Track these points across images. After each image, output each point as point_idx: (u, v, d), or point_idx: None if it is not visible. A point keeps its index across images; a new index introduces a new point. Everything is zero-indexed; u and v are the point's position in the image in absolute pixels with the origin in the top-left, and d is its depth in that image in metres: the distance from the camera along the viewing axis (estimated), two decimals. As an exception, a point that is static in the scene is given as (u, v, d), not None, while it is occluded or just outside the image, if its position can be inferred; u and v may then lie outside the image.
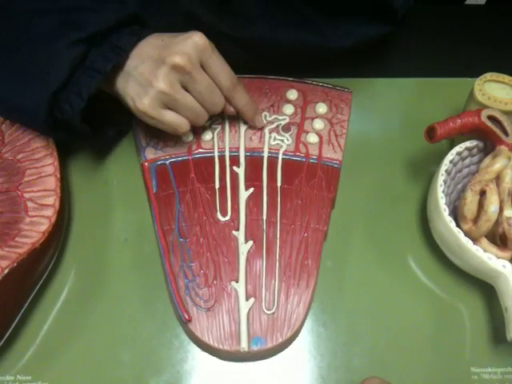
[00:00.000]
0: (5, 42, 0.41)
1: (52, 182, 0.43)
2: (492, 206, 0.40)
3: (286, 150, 0.47)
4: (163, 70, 0.40)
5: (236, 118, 0.48)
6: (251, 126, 0.48)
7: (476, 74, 0.46)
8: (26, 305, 0.41)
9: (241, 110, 0.45)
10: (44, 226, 0.41)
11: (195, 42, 0.40)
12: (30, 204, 0.42)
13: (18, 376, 0.40)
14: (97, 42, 0.40)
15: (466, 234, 0.40)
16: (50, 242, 0.41)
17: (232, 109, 0.45)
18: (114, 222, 0.46)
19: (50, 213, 0.42)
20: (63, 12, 0.41)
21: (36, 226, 0.41)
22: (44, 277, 0.42)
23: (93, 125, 0.43)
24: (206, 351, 0.41)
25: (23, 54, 0.40)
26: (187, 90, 0.42)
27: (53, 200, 0.42)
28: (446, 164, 0.42)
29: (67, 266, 0.44)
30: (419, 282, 0.44)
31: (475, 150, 0.44)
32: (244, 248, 0.43)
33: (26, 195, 0.42)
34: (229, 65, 0.43)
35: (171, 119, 0.42)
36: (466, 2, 0.58)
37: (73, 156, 0.49)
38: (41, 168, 0.44)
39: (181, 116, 0.42)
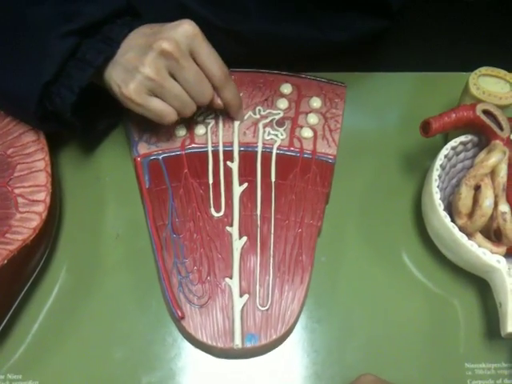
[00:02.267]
0: (1, 30, 0.41)
1: (43, 178, 0.42)
2: (487, 200, 0.39)
3: (280, 145, 0.46)
4: (150, 56, 0.39)
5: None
6: (245, 121, 0.47)
7: (471, 68, 0.45)
8: (17, 302, 0.41)
9: (229, 103, 0.44)
10: (35, 222, 0.40)
11: (185, 29, 0.40)
12: (20, 200, 0.41)
13: (8, 375, 0.40)
14: (89, 33, 0.40)
15: (461, 229, 0.40)
16: (41, 238, 0.41)
17: (220, 101, 0.44)
18: (106, 217, 0.45)
19: (41, 209, 0.41)
20: (58, 3, 0.40)
21: (27, 222, 0.40)
22: (35, 274, 0.42)
23: (83, 117, 0.43)
24: (200, 348, 0.41)
25: (16, 44, 0.40)
26: (175, 79, 0.41)
27: (44, 196, 0.42)
28: (440, 159, 0.42)
29: (58, 263, 0.44)
30: (413, 277, 0.44)
31: (470, 145, 0.44)
32: (238, 244, 0.42)
33: (17, 191, 0.42)
34: (223, 59, 0.42)
35: (157, 107, 0.41)
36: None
37: (64, 151, 0.48)
38: (31, 163, 0.43)
39: (167, 105, 0.41)
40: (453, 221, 0.41)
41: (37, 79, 0.39)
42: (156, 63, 0.40)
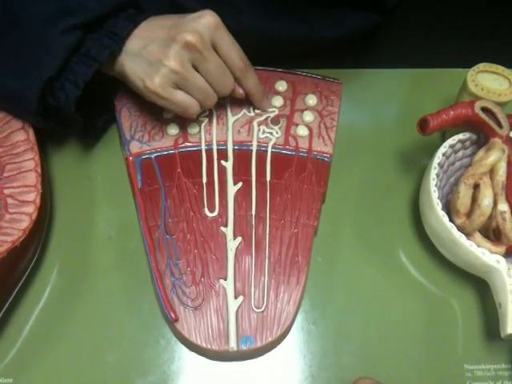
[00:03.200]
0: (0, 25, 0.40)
1: (33, 178, 0.42)
2: (486, 199, 0.39)
3: (275, 144, 0.45)
4: (174, 49, 0.39)
5: (224, 110, 0.47)
6: (240, 119, 0.46)
7: (469, 64, 0.45)
8: (7, 305, 0.40)
9: (251, 92, 0.44)
10: (24, 223, 0.40)
11: (207, 20, 0.40)
12: (9, 200, 0.41)
13: (-1, 379, 0.39)
14: (93, 27, 0.40)
15: (459, 229, 0.39)
16: (30, 239, 0.40)
17: (241, 91, 0.44)
18: (97, 218, 0.45)
19: (31, 210, 0.40)
20: None
21: (16, 223, 0.40)
22: (25, 276, 0.41)
23: (84, 114, 0.42)
24: (194, 351, 0.40)
25: (17, 39, 0.39)
26: (197, 70, 0.41)
27: (33, 196, 0.41)
28: (438, 157, 0.41)
29: (49, 265, 0.43)
30: (411, 277, 0.43)
31: (468, 143, 0.43)
32: (232, 244, 0.41)
33: (6, 191, 0.41)
34: None
35: (182, 99, 0.41)
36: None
37: (54, 150, 0.47)
38: (21, 163, 0.42)
39: (191, 97, 0.41)
40: (451, 220, 0.40)
41: (39, 74, 0.38)
42: (180, 56, 0.39)
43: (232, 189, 0.44)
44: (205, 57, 0.40)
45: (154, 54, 0.40)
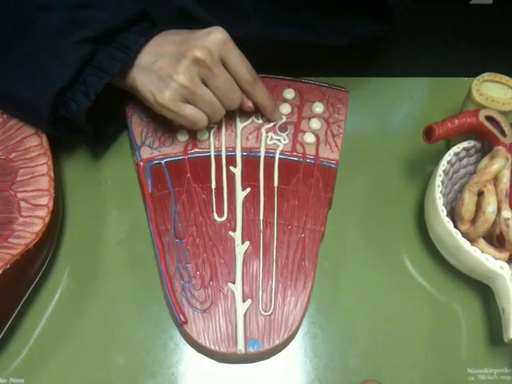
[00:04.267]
0: (11, 33, 0.40)
1: (45, 182, 0.42)
2: (490, 206, 0.39)
3: (282, 150, 0.46)
4: (184, 64, 0.40)
5: (232, 117, 0.47)
6: (248, 126, 0.47)
7: (473, 73, 0.45)
8: (19, 306, 0.40)
9: (261, 105, 0.45)
10: (37, 226, 0.40)
11: (216, 36, 0.41)
12: (23, 204, 0.41)
13: (11, 379, 0.40)
14: (105, 40, 0.40)
15: (464, 235, 0.40)
16: (43, 242, 0.40)
17: (250, 104, 0.45)
18: (108, 222, 0.45)
19: (44, 213, 0.41)
20: (72, 8, 0.40)
21: (29, 226, 0.40)
22: (37, 278, 0.41)
23: (94, 123, 0.43)
24: (202, 353, 0.41)
25: (29, 48, 0.40)
26: (206, 85, 0.42)
27: (46, 200, 0.42)
28: (443, 164, 0.42)
29: (61, 267, 0.44)
30: (416, 282, 0.44)
31: (473, 151, 0.44)
32: (241, 249, 0.42)
33: (19, 195, 0.42)
34: None
35: (191, 113, 0.42)
36: (472, 2, 0.58)
37: (66, 155, 0.48)
38: (34, 167, 0.43)
39: (199, 111, 0.42)
40: (455, 226, 0.41)
41: (51, 84, 0.39)
42: (189, 71, 0.40)
43: (240, 194, 0.44)
44: (213, 72, 0.41)
45: (164, 69, 0.40)
